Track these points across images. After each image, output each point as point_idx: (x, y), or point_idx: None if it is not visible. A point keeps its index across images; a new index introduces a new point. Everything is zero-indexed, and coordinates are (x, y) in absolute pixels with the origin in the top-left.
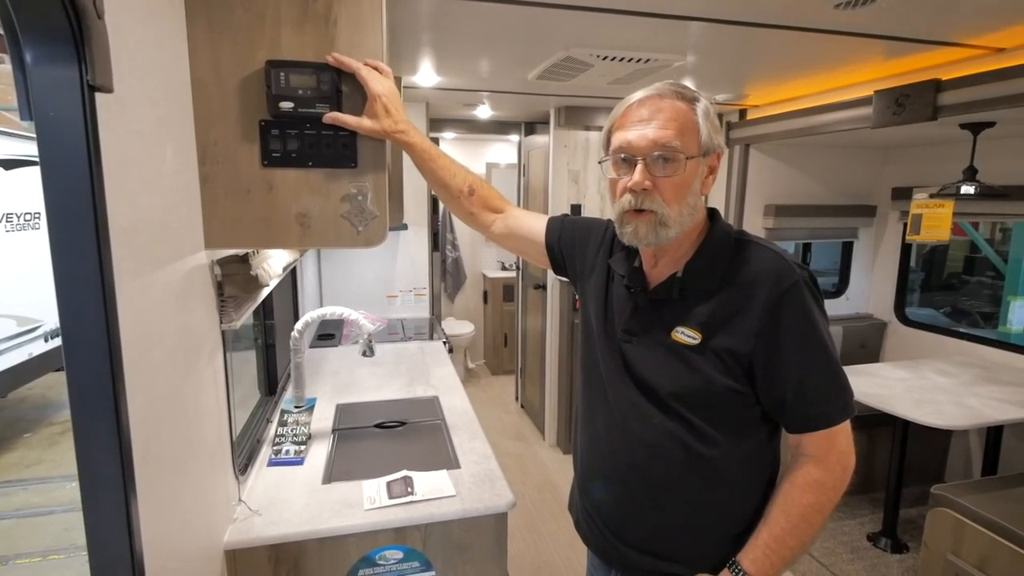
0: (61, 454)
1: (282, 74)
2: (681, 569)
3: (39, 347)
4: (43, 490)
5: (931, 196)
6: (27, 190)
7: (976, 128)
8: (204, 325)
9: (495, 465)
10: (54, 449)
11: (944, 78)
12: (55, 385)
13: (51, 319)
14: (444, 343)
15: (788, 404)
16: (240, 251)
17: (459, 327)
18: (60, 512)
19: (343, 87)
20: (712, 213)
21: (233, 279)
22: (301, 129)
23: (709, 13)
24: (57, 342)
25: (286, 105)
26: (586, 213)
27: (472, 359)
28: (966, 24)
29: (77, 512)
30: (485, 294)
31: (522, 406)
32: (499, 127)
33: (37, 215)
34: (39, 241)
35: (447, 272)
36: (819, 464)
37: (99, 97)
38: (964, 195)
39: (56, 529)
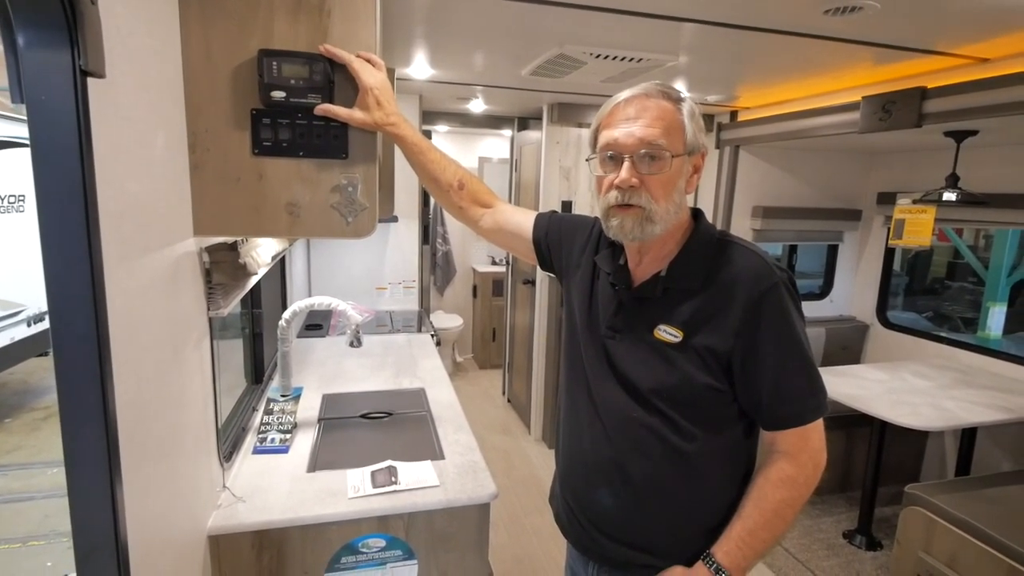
0: (42, 440)
1: (274, 63)
2: (657, 561)
3: (21, 332)
4: (23, 476)
5: (914, 202)
6: (10, 172)
7: (959, 136)
8: (191, 312)
9: (479, 457)
10: (35, 435)
11: (929, 86)
12: (36, 371)
13: (34, 303)
14: (432, 336)
15: (764, 402)
16: (229, 239)
17: (448, 320)
18: (40, 498)
19: (335, 78)
20: (696, 213)
21: (221, 267)
22: (292, 119)
23: (701, 15)
24: (39, 327)
25: (278, 94)
26: (577, 209)
27: (460, 353)
28: (952, 34)
29: (57, 498)
30: (474, 288)
31: (509, 400)
32: (492, 121)
33: (22, 197)
34: (23, 224)
35: (437, 265)
36: (792, 461)
37: (91, 82)
38: (946, 202)
39: (36, 515)
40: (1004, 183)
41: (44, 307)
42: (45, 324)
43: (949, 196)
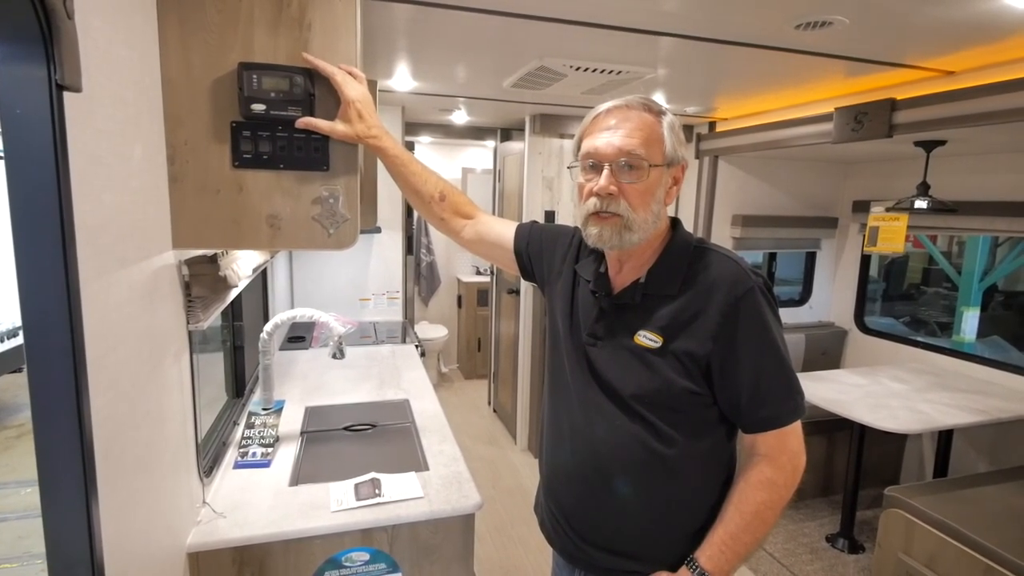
0: (16, 459)
1: (254, 76)
2: (642, 567)
3: None
4: None
5: (887, 210)
6: None
7: (929, 146)
8: (170, 325)
9: (464, 467)
10: (8, 454)
11: (899, 98)
12: (10, 388)
13: (5, 319)
14: (416, 347)
15: (743, 405)
16: (209, 251)
17: (432, 331)
18: (14, 519)
19: (316, 91)
20: (674, 222)
21: (201, 279)
22: (273, 131)
23: (678, 29)
24: (12, 343)
25: (258, 107)
26: (560, 219)
27: (445, 363)
28: (918, 48)
29: (31, 519)
30: (459, 298)
31: (494, 410)
32: (475, 132)
33: None
34: None
35: (421, 276)
36: (771, 463)
37: (67, 96)
38: (917, 209)
39: (9, 537)
40: (972, 191)
41: (16, 323)
42: (18, 340)
43: (920, 204)
